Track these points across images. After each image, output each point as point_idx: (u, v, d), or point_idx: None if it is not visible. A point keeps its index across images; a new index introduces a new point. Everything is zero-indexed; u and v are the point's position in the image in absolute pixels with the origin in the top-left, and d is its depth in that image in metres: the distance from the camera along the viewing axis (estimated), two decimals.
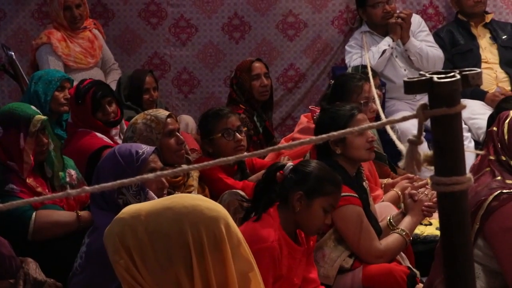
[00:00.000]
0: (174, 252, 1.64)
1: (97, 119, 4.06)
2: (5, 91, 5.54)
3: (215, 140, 3.84)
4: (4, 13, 5.55)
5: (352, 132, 2.80)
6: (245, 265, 1.72)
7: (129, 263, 1.65)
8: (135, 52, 5.72)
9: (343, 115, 3.30)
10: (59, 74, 4.48)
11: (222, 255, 1.67)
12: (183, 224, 1.66)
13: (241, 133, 3.88)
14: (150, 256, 1.65)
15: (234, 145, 3.83)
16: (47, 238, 3.31)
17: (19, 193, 3.34)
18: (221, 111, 3.93)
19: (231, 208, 3.46)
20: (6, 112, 3.45)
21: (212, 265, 1.65)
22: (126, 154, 2.90)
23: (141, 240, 1.65)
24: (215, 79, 5.79)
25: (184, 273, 1.64)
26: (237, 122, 3.90)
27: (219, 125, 3.84)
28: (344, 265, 3.17)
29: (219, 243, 1.66)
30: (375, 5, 5.27)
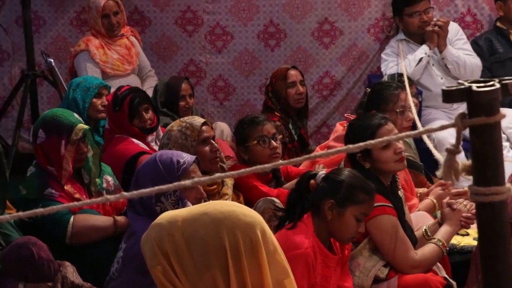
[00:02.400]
0: (211, 257, 1.66)
1: (133, 126, 4.10)
2: (44, 97, 5.62)
3: (251, 147, 3.85)
4: (44, 21, 5.65)
5: (376, 145, 2.78)
6: (281, 272, 1.73)
7: (167, 267, 1.67)
8: (171, 59, 5.77)
9: (367, 127, 3.28)
10: (97, 81, 4.53)
11: (258, 260, 1.68)
12: (219, 229, 1.67)
13: (276, 140, 3.88)
14: (187, 261, 1.66)
15: (269, 153, 3.83)
16: (84, 242, 3.35)
17: (58, 198, 3.39)
18: (257, 118, 3.93)
19: (266, 215, 3.46)
20: (50, 118, 3.50)
21: (248, 270, 1.66)
22: (167, 162, 2.92)
23: (179, 245, 1.67)
24: (250, 86, 5.81)
25: (220, 277, 1.65)
26: (273, 129, 3.90)
27: (255, 132, 3.84)
28: (379, 275, 3.15)
29: (255, 248, 1.68)
30: (412, 14, 5.25)
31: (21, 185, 3.48)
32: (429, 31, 5.19)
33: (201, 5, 5.68)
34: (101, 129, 4.50)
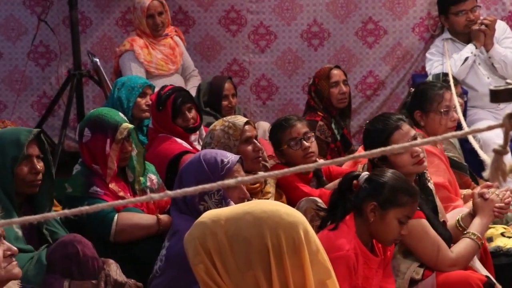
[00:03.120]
0: (253, 256, 1.66)
1: (177, 125, 4.12)
2: (90, 96, 5.69)
3: (284, 151, 3.84)
4: (90, 21, 5.72)
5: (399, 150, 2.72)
6: (323, 272, 1.72)
7: (209, 266, 1.68)
8: (215, 58, 5.79)
9: (382, 132, 3.23)
10: (141, 81, 4.57)
11: (301, 260, 1.67)
12: (262, 228, 1.67)
13: (309, 139, 3.85)
14: (229, 259, 1.67)
15: (302, 154, 3.81)
16: (128, 240, 3.38)
17: (103, 196, 3.43)
18: (285, 121, 3.90)
19: (308, 215, 3.44)
20: (95, 117, 3.55)
21: (291, 270, 1.66)
22: (212, 162, 2.93)
23: (221, 244, 1.68)
24: (293, 86, 5.80)
25: (263, 276, 1.65)
26: (303, 129, 3.86)
27: (284, 136, 3.83)
28: (414, 276, 3.11)
29: (297, 248, 1.67)
30: (458, 13, 5.18)
31: (67, 183, 3.53)
32: (475, 30, 5.12)
33: (245, 5, 5.70)
34: (145, 128, 4.54)
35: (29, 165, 3.11)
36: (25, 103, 5.73)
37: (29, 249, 3.07)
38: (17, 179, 3.08)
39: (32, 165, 3.11)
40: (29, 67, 5.66)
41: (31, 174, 3.11)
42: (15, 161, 3.07)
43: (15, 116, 5.61)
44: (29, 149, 3.11)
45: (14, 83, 5.70)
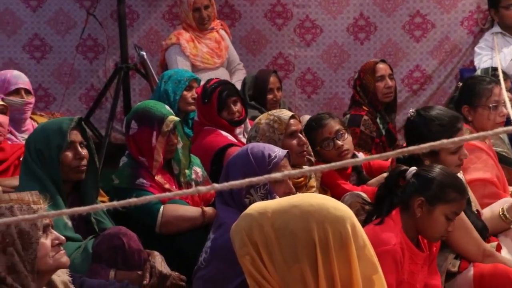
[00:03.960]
0: (300, 249, 1.66)
1: (222, 118, 4.14)
2: (136, 89, 5.75)
3: (318, 152, 3.82)
4: (137, 15, 5.78)
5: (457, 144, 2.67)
6: (370, 267, 1.71)
7: (256, 257, 1.68)
8: (260, 52, 5.79)
9: (446, 129, 3.20)
10: (187, 74, 4.60)
11: (347, 254, 1.66)
12: (309, 222, 1.67)
13: (341, 137, 3.80)
14: (276, 252, 1.67)
15: (336, 153, 3.78)
16: (173, 231, 3.41)
17: (149, 188, 3.46)
18: (315, 122, 3.86)
19: (353, 209, 3.41)
20: (142, 110, 3.58)
21: (337, 264, 1.65)
22: (259, 156, 2.93)
23: (268, 236, 1.68)
24: (338, 79, 5.77)
25: (309, 270, 1.65)
26: (335, 127, 3.82)
27: (317, 137, 3.80)
28: (450, 269, 3.08)
29: (344, 242, 1.66)
30: (509, 6, 5.09)
31: (114, 174, 3.57)
32: None
33: None
34: (191, 121, 4.56)
35: (73, 152, 3.15)
36: (73, 95, 5.82)
37: (77, 238, 3.12)
38: (63, 166, 3.13)
39: (76, 151, 3.16)
40: (77, 60, 5.74)
41: (75, 160, 3.16)
42: (60, 149, 3.12)
43: (63, 109, 5.70)
44: (71, 136, 3.16)
45: (63, 76, 5.78)
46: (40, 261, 2.26)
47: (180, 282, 3.12)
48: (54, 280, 2.40)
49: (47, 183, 3.07)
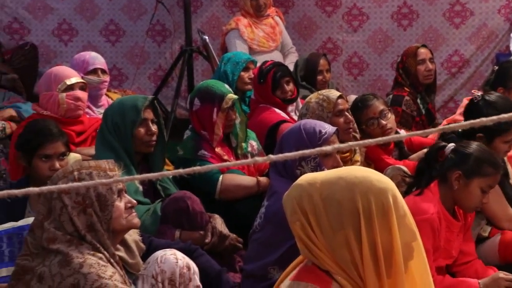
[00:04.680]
0: (345, 217, 1.65)
1: (276, 97, 4.13)
2: (199, 70, 5.78)
3: (364, 130, 3.77)
4: (201, 2, 5.79)
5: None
6: (409, 235, 1.70)
7: (305, 224, 1.68)
8: (311, 37, 5.75)
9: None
10: (245, 56, 4.60)
11: (389, 223, 1.65)
12: (354, 193, 1.66)
13: (385, 117, 3.73)
14: (323, 219, 1.67)
15: (380, 131, 3.73)
16: (231, 198, 3.43)
17: (210, 158, 3.49)
18: (361, 102, 3.79)
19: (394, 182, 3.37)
20: (204, 88, 3.60)
21: (379, 232, 1.64)
22: (311, 131, 2.93)
23: (316, 205, 1.68)
24: (382, 63, 5.70)
25: (353, 236, 1.65)
26: (380, 107, 3.74)
27: (362, 116, 3.74)
28: (481, 233, 3.04)
29: (386, 212, 1.65)
30: None
31: (178, 146, 3.60)
32: None
33: None
34: (247, 99, 4.57)
35: (145, 128, 3.18)
36: (143, 75, 5.88)
37: (146, 202, 3.16)
38: (135, 140, 3.16)
39: (148, 128, 3.19)
40: (147, 43, 5.79)
41: (147, 135, 3.19)
42: (134, 124, 3.15)
43: (134, 87, 5.76)
44: (145, 113, 3.19)
45: (134, 58, 5.84)
46: (115, 221, 2.31)
47: (237, 243, 3.16)
48: (126, 239, 2.44)
49: (121, 153, 3.11)
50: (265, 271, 2.83)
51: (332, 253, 1.66)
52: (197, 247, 2.67)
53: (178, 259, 2.45)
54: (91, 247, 2.25)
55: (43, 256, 2.26)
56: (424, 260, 1.75)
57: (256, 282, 2.86)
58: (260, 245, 2.89)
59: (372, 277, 1.64)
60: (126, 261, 2.39)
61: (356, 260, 1.65)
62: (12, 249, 2.55)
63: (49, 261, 2.22)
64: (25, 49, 5.40)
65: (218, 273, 2.59)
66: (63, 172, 2.32)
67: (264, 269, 2.83)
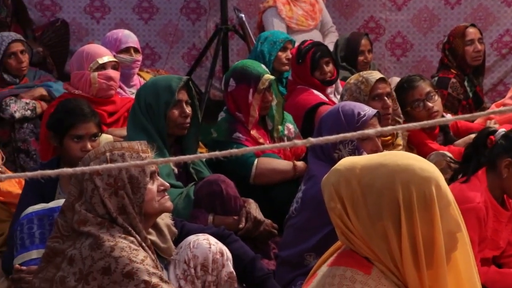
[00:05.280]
0: (384, 208, 1.63)
1: (315, 78, 4.11)
2: (234, 50, 5.78)
3: (408, 112, 3.73)
4: None
5: None
6: (453, 225, 1.66)
7: (342, 211, 1.66)
8: (352, 16, 5.70)
9: None
10: (283, 36, 4.58)
11: (431, 214, 1.62)
12: (394, 182, 1.63)
13: (431, 99, 3.70)
14: (361, 208, 1.65)
15: (426, 113, 3.68)
16: (266, 183, 3.43)
17: (244, 141, 3.49)
18: (407, 83, 3.76)
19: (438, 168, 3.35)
20: (240, 69, 3.59)
21: (420, 224, 1.61)
22: (349, 113, 2.91)
23: (354, 192, 1.65)
24: (427, 43, 5.63)
25: (392, 227, 1.62)
26: (426, 89, 3.71)
27: (407, 97, 3.71)
28: None
29: (428, 203, 1.62)
30: None
31: (212, 128, 3.61)
32: None
33: None
34: (285, 80, 4.56)
35: (179, 109, 3.19)
36: (177, 54, 5.90)
37: (178, 185, 3.18)
38: (169, 121, 3.17)
39: (182, 109, 3.20)
40: (181, 21, 5.80)
41: (181, 117, 3.19)
42: (167, 106, 3.16)
43: (167, 66, 5.79)
44: (179, 95, 3.19)
45: (167, 36, 5.86)
46: (147, 204, 2.33)
47: (273, 229, 3.16)
48: (159, 222, 2.46)
49: (153, 135, 3.12)
50: (301, 258, 2.84)
51: (369, 242, 1.64)
52: (230, 232, 2.68)
53: (211, 245, 2.46)
54: (122, 230, 2.27)
55: (74, 239, 2.29)
56: (469, 251, 1.72)
57: (291, 269, 2.87)
58: (296, 230, 2.89)
59: (411, 269, 1.62)
60: (158, 246, 2.41)
61: (394, 252, 1.62)
62: (42, 231, 2.60)
63: (79, 243, 2.26)
64: (56, 25, 5.46)
65: (252, 260, 2.59)
66: (95, 153, 2.35)
67: (300, 255, 2.83)
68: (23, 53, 4.25)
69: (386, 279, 1.63)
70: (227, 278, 2.47)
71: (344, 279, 1.62)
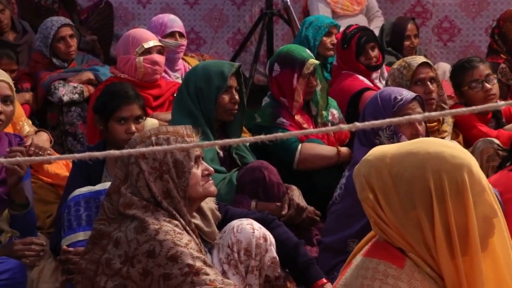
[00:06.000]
0: (416, 197, 1.61)
1: (360, 63, 4.08)
2: (279, 34, 5.75)
3: (464, 92, 3.69)
4: None
5: None
6: (489, 211, 1.64)
7: (374, 201, 1.65)
8: (399, 0, 5.61)
9: None
10: (328, 21, 4.54)
11: (463, 201, 1.60)
12: (425, 171, 1.60)
13: (490, 81, 3.68)
14: (393, 198, 1.63)
15: (483, 95, 3.65)
16: (309, 168, 3.42)
17: (288, 127, 3.49)
18: (468, 63, 3.74)
19: (485, 155, 3.31)
20: (284, 53, 3.58)
21: (453, 211, 1.59)
22: (386, 98, 2.89)
23: (385, 182, 1.64)
24: (476, 28, 5.51)
25: (425, 216, 1.60)
26: (486, 71, 3.70)
27: (466, 77, 3.68)
28: None
29: (460, 190, 1.59)
30: None
31: (256, 113, 3.61)
32: None
33: None
34: (329, 66, 4.53)
35: (229, 95, 3.19)
36: (222, 39, 5.90)
37: (222, 170, 3.19)
38: (218, 107, 3.18)
39: (232, 95, 3.20)
40: (226, 6, 5.80)
41: (230, 103, 3.20)
42: (219, 91, 3.17)
43: (212, 51, 5.80)
44: (230, 81, 3.20)
45: (212, 21, 5.87)
46: (191, 188, 2.34)
47: (315, 216, 3.15)
48: (203, 207, 2.48)
49: (199, 119, 3.13)
50: (344, 244, 2.83)
51: (402, 232, 1.63)
52: (274, 217, 2.68)
53: (254, 229, 2.47)
54: (167, 214, 2.30)
55: (120, 221, 2.32)
56: (506, 236, 1.69)
57: (334, 255, 2.86)
58: (339, 217, 2.88)
59: (446, 257, 1.60)
60: (202, 229, 2.43)
61: (428, 240, 1.61)
62: (89, 213, 2.64)
63: (125, 226, 2.29)
64: (100, 7, 5.51)
65: (295, 245, 2.59)
66: (141, 137, 2.37)
67: (344, 242, 2.82)
68: (71, 38, 4.30)
69: (420, 273, 1.62)
70: (270, 263, 2.48)
71: (377, 273, 1.62)
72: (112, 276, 2.26)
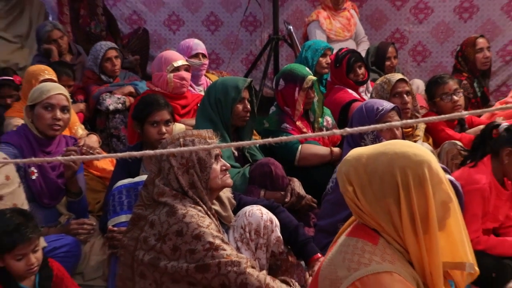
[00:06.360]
0: (386, 189, 1.63)
1: (349, 79, 4.08)
2: (283, 55, 5.76)
3: (436, 102, 3.68)
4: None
5: None
6: (445, 197, 1.67)
7: (353, 194, 1.68)
8: (381, 28, 5.61)
9: None
10: (323, 44, 4.55)
11: (424, 191, 1.63)
12: (393, 168, 1.63)
13: (458, 95, 3.66)
14: (367, 190, 1.65)
15: (451, 106, 3.64)
16: (308, 165, 3.43)
17: (291, 131, 3.49)
18: (440, 79, 3.72)
19: (449, 155, 3.31)
20: (288, 71, 3.59)
21: (416, 199, 1.62)
22: (370, 108, 2.89)
23: (362, 178, 1.66)
24: (444, 51, 5.50)
25: (394, 205, 1.63)
26: (454, 86, 3.68)
27: (438, 90, 3.66)
28: None
29: (422, 182, 1.62)
30: None
31: (264, 120, 3.62)
32: None
33: None
34: (324, 81, 4.53)
35: (242, 105, 3.21)
36: (237, 59, 5.91)
37: (237, 166, 3.21)
38: (233, 114, 3.19)
39: (244, 105, 3.22)
40: (241, 32, 5.81)
41: (243, 111, 3.21)
42: (234, 101, 3.18)
43: (229, 69, 5.81)
44: (243, 93, 3.21)
45: (229, 44, 5.89)
46: (212, 181, 2.36)
47: (312, 203, 3.16)
48: (221, 195, 2.49)
49: (218, 125, 3.15)
50: (335, 227, 2.83)
51: (376, 217, 1.65)
52: (279, 204, 2.69)
53: (262, 214, 2.48)
54: (192, 201, 2.31)
55: (154, 207, 2.34)
56: (459, 218, 1.71)
57: (327, 236, 2.87)
58: (331, 205, 2.89)
59: (410, 236, 1.63)
60: (220, 214, 2.44)
61: (396, 223, 1.63)
62: (130, 200, 2.65)
63: (158, 211, 2.30)
64: (138, 33, 5.54)
65: (296, 227, 2.60)
66: (171, 139, 2.39)
67: (334, 225, 2.83)
68: (116, 58, 4.33)
69: (390, 248, 1.65)
70: (275, 241, 2.49)
71: (356, 248, 1.65)
72: (148, 251, 2.28)
